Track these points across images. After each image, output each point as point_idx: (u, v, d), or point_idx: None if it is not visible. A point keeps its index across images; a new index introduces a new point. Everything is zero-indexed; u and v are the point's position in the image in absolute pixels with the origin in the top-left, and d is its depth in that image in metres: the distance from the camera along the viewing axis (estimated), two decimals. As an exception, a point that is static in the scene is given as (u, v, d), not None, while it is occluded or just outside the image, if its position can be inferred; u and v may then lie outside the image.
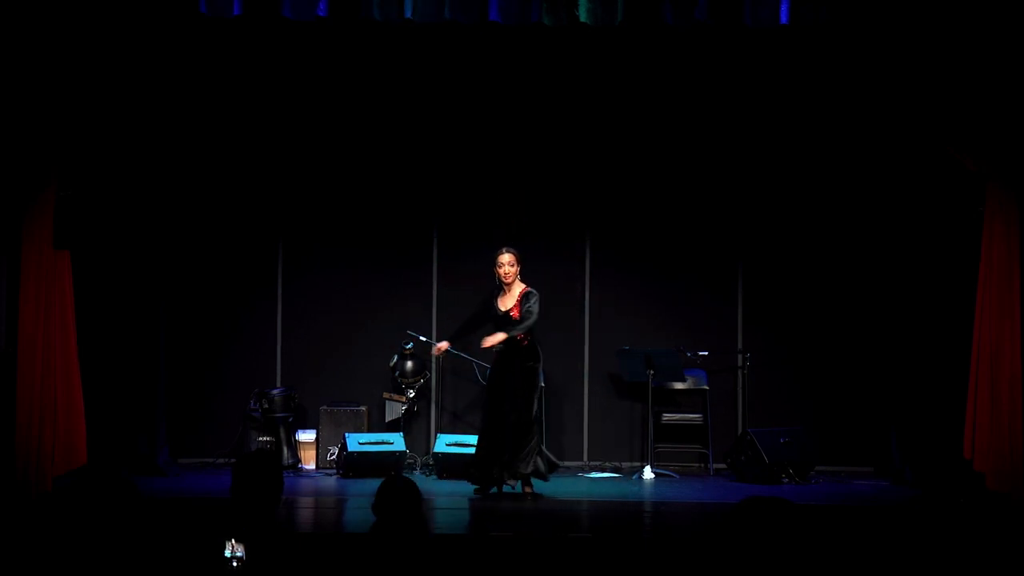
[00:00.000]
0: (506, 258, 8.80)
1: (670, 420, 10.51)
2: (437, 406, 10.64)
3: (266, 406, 10.17)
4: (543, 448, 8.88)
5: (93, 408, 8.71)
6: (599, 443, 10.76)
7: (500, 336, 8.71)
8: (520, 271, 8.87)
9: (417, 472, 10.04)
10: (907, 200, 9.74)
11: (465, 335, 9.26)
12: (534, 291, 8.81)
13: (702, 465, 10.51)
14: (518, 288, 8.84)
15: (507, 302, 8.83)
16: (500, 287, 8.86)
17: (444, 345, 9.27)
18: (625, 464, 10.47)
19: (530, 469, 8.64)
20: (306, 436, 10.34)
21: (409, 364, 10.31)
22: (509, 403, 8.67)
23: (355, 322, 10.74)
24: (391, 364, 10.34)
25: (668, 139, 10.68)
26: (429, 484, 9.35)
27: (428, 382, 10.51)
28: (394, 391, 10.42)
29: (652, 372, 9.98)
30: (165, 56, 8.79)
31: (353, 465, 9.73)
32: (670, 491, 9.35)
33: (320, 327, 10.73)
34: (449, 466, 9.72)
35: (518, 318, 8.73)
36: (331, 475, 9.97)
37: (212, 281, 10.61)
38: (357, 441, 9.88)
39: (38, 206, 8.40)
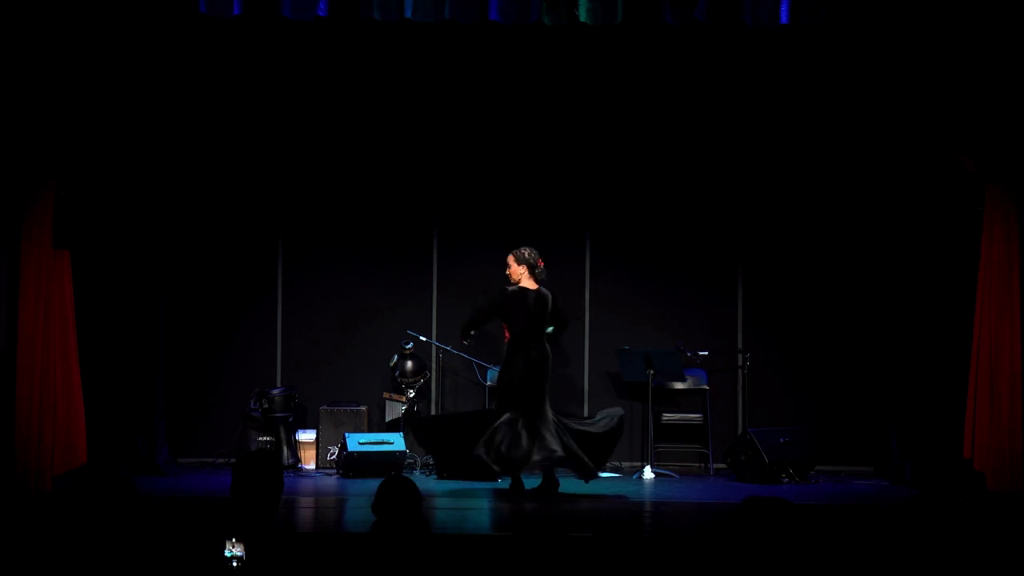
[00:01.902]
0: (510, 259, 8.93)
1: (670, 420, 10.52)
2: (437, 406, 10.64)
3: (266, 406, 10.17)
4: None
5: (93, 408, 8.72)
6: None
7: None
8: (527, 270, 8.90)
9: (417, 472, 10.04)
10: (907, 200, 9.74)
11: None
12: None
13: (702, 465, 10.51)
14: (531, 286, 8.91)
15: None
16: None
17: None
18: (625, 464, 10.45)
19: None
20: (306, 436, 10.33)
21: (409, 364, 10.31)
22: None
23: (355, 322, 10.74)
24: (391, 364, 10.34)
25: (668, 139, 10.68)
26: (429, 484, 9.35)
27: (428, 382, 10.51)
28: (394, 391, 10.42)
29: (652, 372, 9.97)
30: (165, 56, 8.79)
31: (353, 465, 9.73)
32: (670, 491, 9.34)
33: (320, 327, 10.73)
34: (448, 466, 9.71)
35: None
36: (331, 475, 9.97)
37: (212, 281, 10.61)
38: (357, 441, 9.88)
39: (38, 206, 8.41)
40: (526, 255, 8.89)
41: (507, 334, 9.02)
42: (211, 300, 10.60)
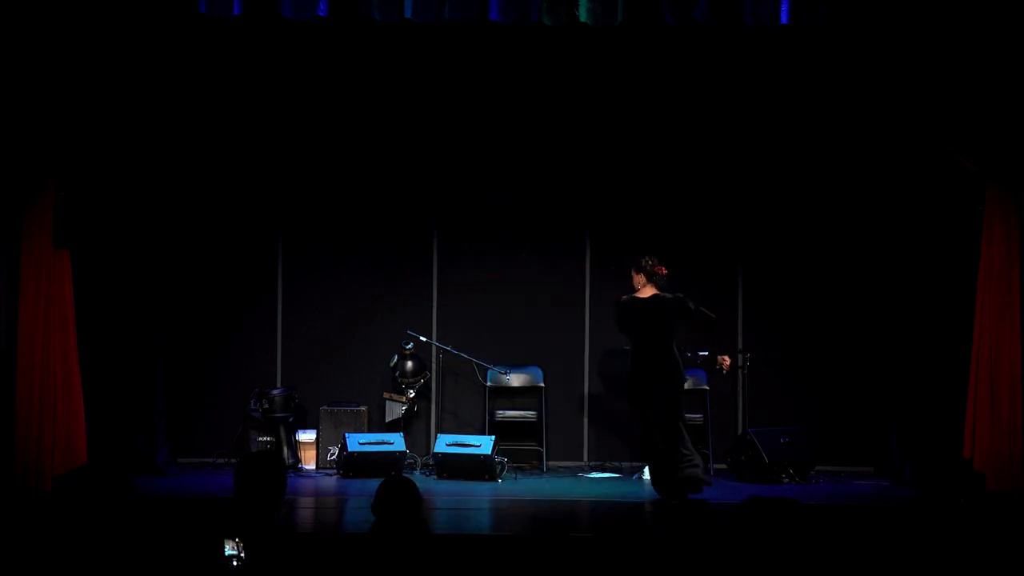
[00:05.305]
0: None
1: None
2: (437, 406, 10.64)
3: (266, 406, 10.17)
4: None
5: (93, 408, 8.72)
6: (599, 443, 10.76)
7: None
8: (644, 278, 8.76)
9: (417, 472, 10.04)
10: (907, 200, 9.74)
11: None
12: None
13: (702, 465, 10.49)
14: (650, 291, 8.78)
15: None
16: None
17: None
18: (625, 464, 10.45)
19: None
20: (306, 436, 10.33)
21: (409, 364, 10.31)
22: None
23: (355, 322, 10.74)
24: (391, 364, 10.34)
25: (668, 139, 10.67)
26: (429, 484, 9.36)
27: (428, 382, 10.51)
28: (394, 391, 10.42)
29: (652, 372, 9.95)
30: (165, 56, 8.79)
31: (353, 465, 9.73)
32: (670, 491, 9.33)
33: (320, 327, 10.73)
34: (449, 466, 9.72)
35: None
36: (331, 475, 9.97)
37: (212, 281, 10.61)
38: (357, 441, 9.88)
39: (38, 206, 8.41)
40: (643, 263, 8.76)
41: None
42: (211, 300, 10.61)
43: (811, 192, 10.58)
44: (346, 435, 9.94)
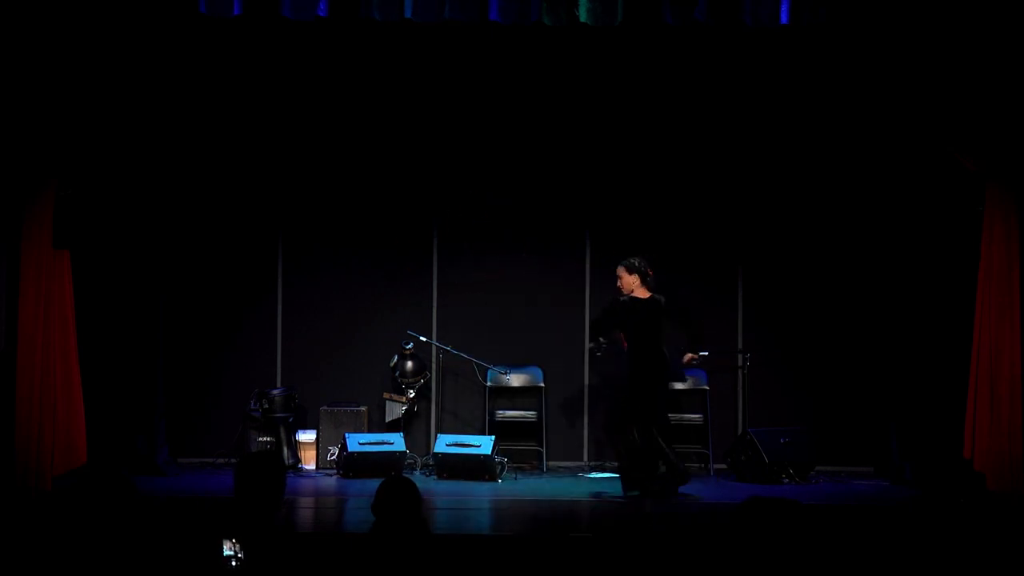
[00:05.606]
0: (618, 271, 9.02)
1: (670, 420, 10.49)
2: (437, 406, 10.64)
3: (266, 406, 10.17)
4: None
5: (93, 408, 8.72)
6: (599, 443, 10.76)
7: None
8: (639, 280, 8.95)
9: (417, 472, 10.04)
10: (907, 200, 9.75)
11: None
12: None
13: (702, 465, 10.50)
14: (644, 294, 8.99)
15: None
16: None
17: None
18: (625, 464, 10.45)
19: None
20: (306, 436, 10.33)
21: (409, 364, 10.31)
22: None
23: (355, 322, 10.75)
24: (391, 364, 10.34)
25: (668, 140, 10.67)
26: (429, 484, 9.36)
27: (428, 382, 10.51)
28: (394, 391, 10.42)
29: (652, 372, 9.96)
30: (165, 56, 8.79)
31: (353, 465, 9.73)
32: (670, 491, 9.33)
33: (320, 327, 10.73)
34: (449, 466, 9.73)
35: None
36: (331, 475, 9.97)
37: (212, 281, 10.61)
38: (357, 441, 9.88)
39: (38, 206, 8.42)
40: (636, 264, 8.94)
41: (624, 342, 9.08)
42: (211, 300, 10.60)
43: (811, 192, 10.58)
44: (346, 435, 9.94)
